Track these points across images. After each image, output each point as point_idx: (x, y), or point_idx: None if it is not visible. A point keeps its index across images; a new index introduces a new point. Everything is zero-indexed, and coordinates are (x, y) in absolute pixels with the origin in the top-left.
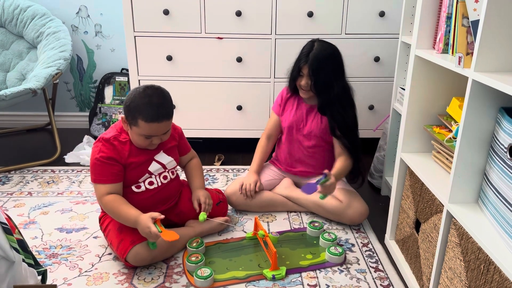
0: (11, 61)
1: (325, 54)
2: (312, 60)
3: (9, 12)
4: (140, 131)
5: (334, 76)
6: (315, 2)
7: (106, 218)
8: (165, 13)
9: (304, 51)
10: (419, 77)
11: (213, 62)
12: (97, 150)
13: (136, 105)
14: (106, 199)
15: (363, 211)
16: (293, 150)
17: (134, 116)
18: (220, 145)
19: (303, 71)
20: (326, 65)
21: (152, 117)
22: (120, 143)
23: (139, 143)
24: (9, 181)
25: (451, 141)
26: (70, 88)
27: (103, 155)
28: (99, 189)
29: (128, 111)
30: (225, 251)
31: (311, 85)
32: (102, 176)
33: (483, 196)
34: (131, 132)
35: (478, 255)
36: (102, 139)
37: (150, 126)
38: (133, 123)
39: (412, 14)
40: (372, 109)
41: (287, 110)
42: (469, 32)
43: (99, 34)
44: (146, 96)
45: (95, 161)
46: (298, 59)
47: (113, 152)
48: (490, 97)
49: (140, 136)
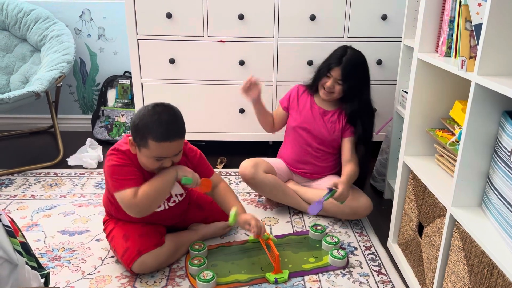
0: (15, 64)
1: (358, 61)
2: (346, 64)
3: (12, 16)
4: (149, 152)
5: (362, 84)
6: (318, 5)
7: (110, 222)
8: (168, 17)
9: (337, 54)
10: (422, 80)
11: (215, 65)
12: (112, 158)
13: (145, 123)
14: (139, 197)
15: (367, 204)
16: (298, 151)
17: (143, 136)
18: (223, 148)
19: (332, 72)
20: (357, 72)
21: (163, 136)
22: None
23: (148, 166)
24: (12, 184)
25: (454, 144)
26: (73, 91)
27: (121, 161)
28: (125, 195)
29: (136, 130)
30: (227, 254)
31: (339, 90)
32: (125, 181)
33: (486, 199)
34: (139, 154)
35: (482, 259)
36: (118, 149)
37: (161, 146)
38: (142, 144)
39: (414, 17)
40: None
41: (297, 109)
42: (472, 36)
43: (102, 37)
44: (155, 114)
45: (113, 167)
46: (329, 59)
47: (128, 161)
48: (493, 101)
49: (149, 159)
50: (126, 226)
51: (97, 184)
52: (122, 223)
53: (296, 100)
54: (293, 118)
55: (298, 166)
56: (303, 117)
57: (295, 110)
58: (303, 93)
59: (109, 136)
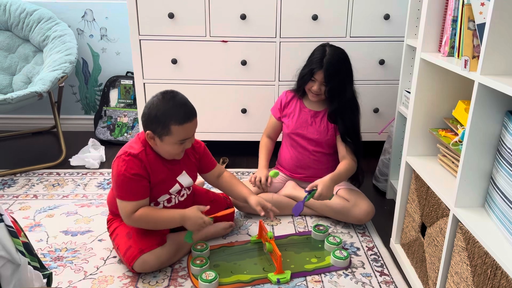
0: (17, 64)
1: (339, 60)
2: (327, 66)
3: (15, 16)
4: (173, 138)
5: (346, 81)
6: (320, 5)
7: (115, 221)
8: (170, 17)
9: (317, 56)
10: (425, 80)
11: (217, 65)
12: (124, 165)
13: (163, 112)
14: (137, 216)
15: (369, 210)
16: (296, 156)
17: (165, 124)
18: (225, 148)
19: (315, 76)
20: (340, 71)
21: (185, 117)
22: (148, 159)
23: (172, 152)
24: (15, 184)
25: (457, 144)
26: (75, 91)
27: (131, 171)
28: (126, 207)
29: (157, 121)
30: (229, 254)
31: (325, 91)
32: (130, 194)
33: (489, 200)
34: (161, 144)
35: (485, 260)
36: (130, 154)
37: (184, 128)
38: (164, 133)
39: (417, 17)
40: (377, 112)
41: (289, 115)
42: (475, 35)
43: (105, 38)
44: (169, 100)
45: (122, 177)
46: (310, 64)
47: (140, 168)
48: (497, 101)
49: (174, 145)
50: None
51: (99, 184)
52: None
53: (286, 107)
54: (286, 125)
55: (298, 171)
56: (295, 123)
57: (287, 117)
58: (292, 98)
59: (111, 136)
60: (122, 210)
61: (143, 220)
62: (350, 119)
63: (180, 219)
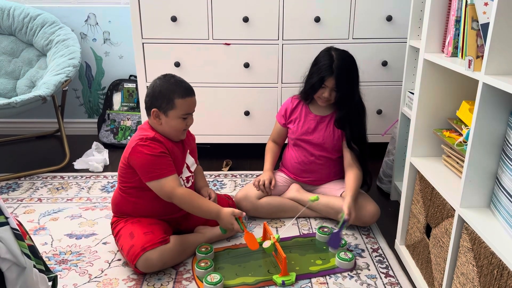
0: (21, 68)
1: (348, 64)
2: (338, 72)
3: (19, 21)
4: (177, 112)
5: (355, 84)
6: (322, 7)
7: (119, 223)
8: (173, 20)
9: (325, 63)
10: (428, 81)
11: (220, 68)
12: (147, 148)
13: (166, 88)
14: (181, 191)
15: (374, 212)
16: (302, 160)
17: (169, 99)
18: (228, 150)
19: (326, 83)
20: (350, 76)
21: (186, 91)
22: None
23: (176, 127)
24: (19, 188)
25: (461, 145)
26: (78, 95)
27: (156, 150)
28: (167, 183)
29: (162, 97)
30: (234, 256)
31: (336, 98)
32: (166, 169)
33: (495, 200)
34: (166, 120)
35: (491, 260)
36: (147, 138)
37: (186, 102)
38: (169, 107)
39: (420, 18)
40: (380, 113)
41: (295, 121)
42: (479, 35)
43: (108, 41)
44: (170, 78)
45: (150, 157)
46: (318, 71)
47: (162, 147)
48: (501, 100)
49: (178, 119)
50: (133, 225)
51: (103, 187)
52: (131, 222)
53: (292, 113)
54: (291, 131)
55: (303, 175)
56: (301, 129)
57: (293, 122)
58: (297, 104)
59: (114, 139)
60: (164, 189)
61: (186, 198)
62: (357, 124)
63: (215, 214)
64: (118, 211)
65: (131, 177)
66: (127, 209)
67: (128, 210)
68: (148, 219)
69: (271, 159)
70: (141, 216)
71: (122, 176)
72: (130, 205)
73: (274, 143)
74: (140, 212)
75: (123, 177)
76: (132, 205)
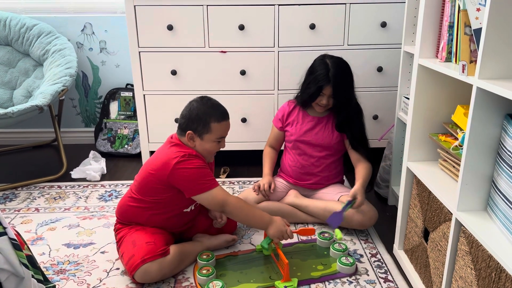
0: (18, 78)
1: (344, 71)
2: (335, 80)
3: (15, 31)
4: (213, 136)
5: (351, 89)
6: (317, 14)
7: (123, 230)
8: (169, 29)
9: (321, 71)
10: (423, 86)
11: (217, 76)
12: (190, 163)
13: (203, 112)
14: (234, 199)
15: (372, 214)
16: (301, 164)
17: (205, 122)
18: (225, 157)
19: (324, 91)
20: (346, 82)
21: (222, 115)
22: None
23: (211, 151)
24: (16, 198)
25: (457, 149)
26: (75, 104)
27: (200, 164)
28: (217, 193)
29: (198, 120)
30: (235, 263)
31: (333, 104)
32: (213, 179)
33: (491, 203)
34: (201, 143)
35: (489, 263)
36: (189, 154)
37: (221, 126)
38: (205, 131)
39: (413, 24)
40: (376, 118)
41: (292, 124)
42: (472, 40)
43: (104, 51)
44: (206, 102)
45: (199, 170)
46: (315, 80)
47: (204, 162)
48: (495, 104)
49: (213, 143)
50: (137, 233)
51: (100, 196)
52: (135, 230)
53: (289, 116)
54: (290, 133)
55: (303, 178)
56: (300, 131)
57: (290, 125)
58: (294, 107)
59: (112, 148)
60: (216, 199)
61: (239, 205)
62: (357, 126)
63: (268, 220)
64: (126, 219)
65: (160, 193)
66: (139, 220)
67: (140, 221)
68: (152, 228)
69: (269, 164)
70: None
71: (147, 190)
72: (145, 217)
73: (271, 148)
74: (151, 224)
75: (147, 191)
76: (146, 217)
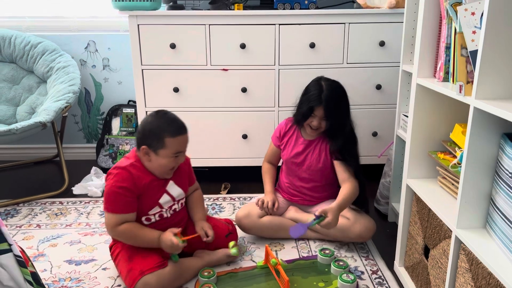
0: (21, 95)
1: (337, 94)
2: (326, 101)
3: (20, 49)
4: (167, 151)
5: (345, 114)
6: (317, 33)
7: (117, 246)
8: (172, 47)
9: (314, 92)
10: (422, 104)
11: (218, 93)
12: (112, 178)
13: (157, 126)
14: (121, 229)
15: (370, 226)
16: (291, 182)
17: (159, 138)
18: (226, 173)
19: (315, 112)
20: (339, 105)
21: (178, 130)
22: (138, 171)
23: (167, 166)
24: (18, 214)
25: (456, 166)
26: (77, 121)
27: (118, 184)
28: (111, 219)
29: (152, 135)
30: (237, 280)
31: (326, 127)
32: (115, 207)
33: (490, 221)
34: (156, 158)
35: (489, 280)
36: (118, 167)
37: (177, 141)
38: (159, 146)
39: (411, 43)
40: (375, 135)
41: (287, 144)
42: (468, 62)
43: (107, 68)
44: (161, 117)
45: (108, 189)
46: (308, 101)
47: (128, 181)
48: (492, 124)
49: (169, 158)
50: (131, 248)
51: (102, 212)
52: (128, 245)
53: (285, 135)
54: (284, 153)
55: (295, 194)
56: (291, 151)
57: (285, 144)
58: (291, 127)
59: (113, 164)
60: (107, 222)
61: (126, 234)
62: (352, 155)
63: (157, 241)
64: None
65: None
66: None
67: None
68: None
69: (270, 181)
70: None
71: None
72: None
73: (270, 163)
74: None
75: None
76: None
